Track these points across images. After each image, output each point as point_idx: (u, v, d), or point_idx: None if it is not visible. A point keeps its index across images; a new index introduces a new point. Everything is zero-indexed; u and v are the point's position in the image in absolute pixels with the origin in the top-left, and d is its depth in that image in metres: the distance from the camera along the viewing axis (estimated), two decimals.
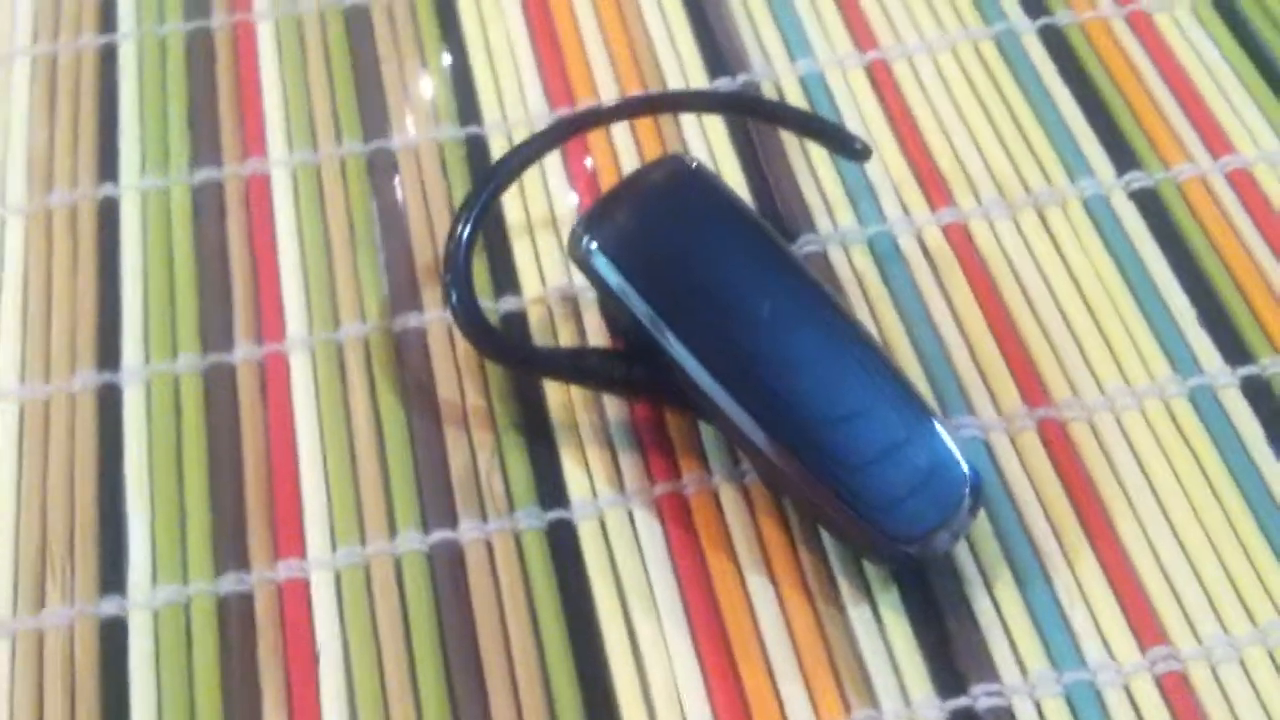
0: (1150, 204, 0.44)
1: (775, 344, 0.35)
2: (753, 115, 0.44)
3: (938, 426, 0.35)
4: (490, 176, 0.39)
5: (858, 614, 0.36)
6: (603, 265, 0.37)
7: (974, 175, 0.45)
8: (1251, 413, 0.39)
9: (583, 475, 0.38)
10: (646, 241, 0.37)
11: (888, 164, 0.45)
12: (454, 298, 0.38)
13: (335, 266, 0.43)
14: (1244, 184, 0.44)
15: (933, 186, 0.45)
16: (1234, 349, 0.40)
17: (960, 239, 0.43)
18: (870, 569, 0.36)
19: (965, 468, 0.35)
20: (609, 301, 0.37)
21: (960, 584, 0.36)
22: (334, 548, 0.37)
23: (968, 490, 0.35)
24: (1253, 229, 0.43)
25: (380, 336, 0.42)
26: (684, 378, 0.36)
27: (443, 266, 0.38)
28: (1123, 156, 0.45)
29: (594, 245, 0.37)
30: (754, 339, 0.36)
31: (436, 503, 0.38)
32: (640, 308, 0.36)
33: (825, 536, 0.37)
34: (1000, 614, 0.36)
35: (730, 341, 0.35)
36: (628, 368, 0.37)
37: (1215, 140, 0.45)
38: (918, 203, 0.44)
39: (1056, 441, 0.39)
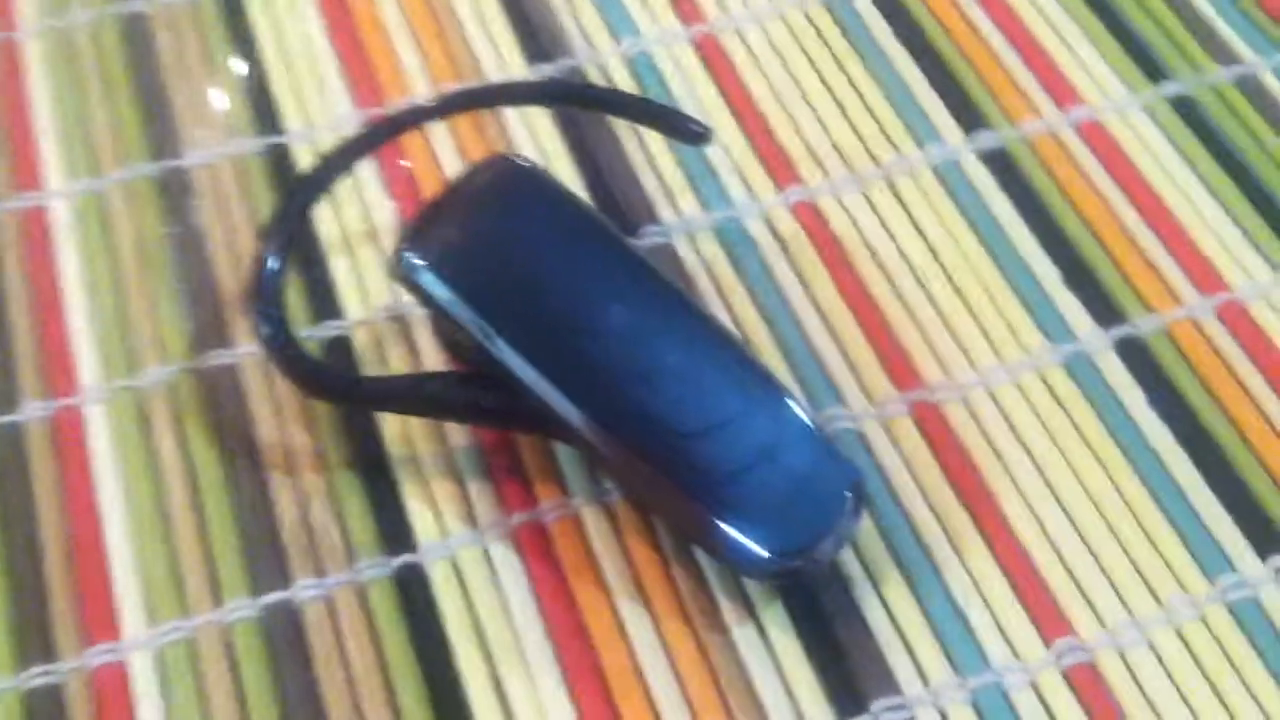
0: (1001, 164, 0.42)
1: (627, 351, 0.33)
2: (580, 104, 0.41)
3: (809, 423, 0.33)
4: (297, 191, 0.36)
5: (743, 635, 0.33)
6: (431, 282, 0.33)
7: (818, 150, 0.42)
8: (1129, 375, 0.38)
9: (430, 513, 0.35)
10: (477, 252, 0.33)
11: (728, 145, 0.43)
12: (266, 330, 0.34)
13: (130, 305, 0.39)
14: (1095, 135, 0.43)
15: (777, 165, 0.42)
16: (1104, 310, 0.39)
17: (810, 218, 0.41)
18: (751, 584, 0.34)
19: (844, 465, 0.32)
20: (442, 320, 0.34)
21: (848, 590, 0.34)
22: (153, 624, 0.33)
23: (849, 490, 0.32)
24: (1108, 180, 0.42)
25: (188, 379, 0.37)
26: (532, 396, 0.33)
27: (251, 295, 0.34)
28: (969, 117, 0.43)
29: (419, 261, 0.33)
30: (604, 348, 0.33)
31: (266, 561, 0.34)
32: (477, 324, 0.33)
33: (701, 553, 0.34)
34: (894, 619, 0.33)
35: (579, 352, 0.32)
36: (470, 391, 0.34)
37: (1061, 92, 0.44)
38: (763, 183, 0.42)
39: (932, 425, 0.37)
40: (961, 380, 0.37)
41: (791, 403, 0.33)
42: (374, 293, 0.39)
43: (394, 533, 0.35)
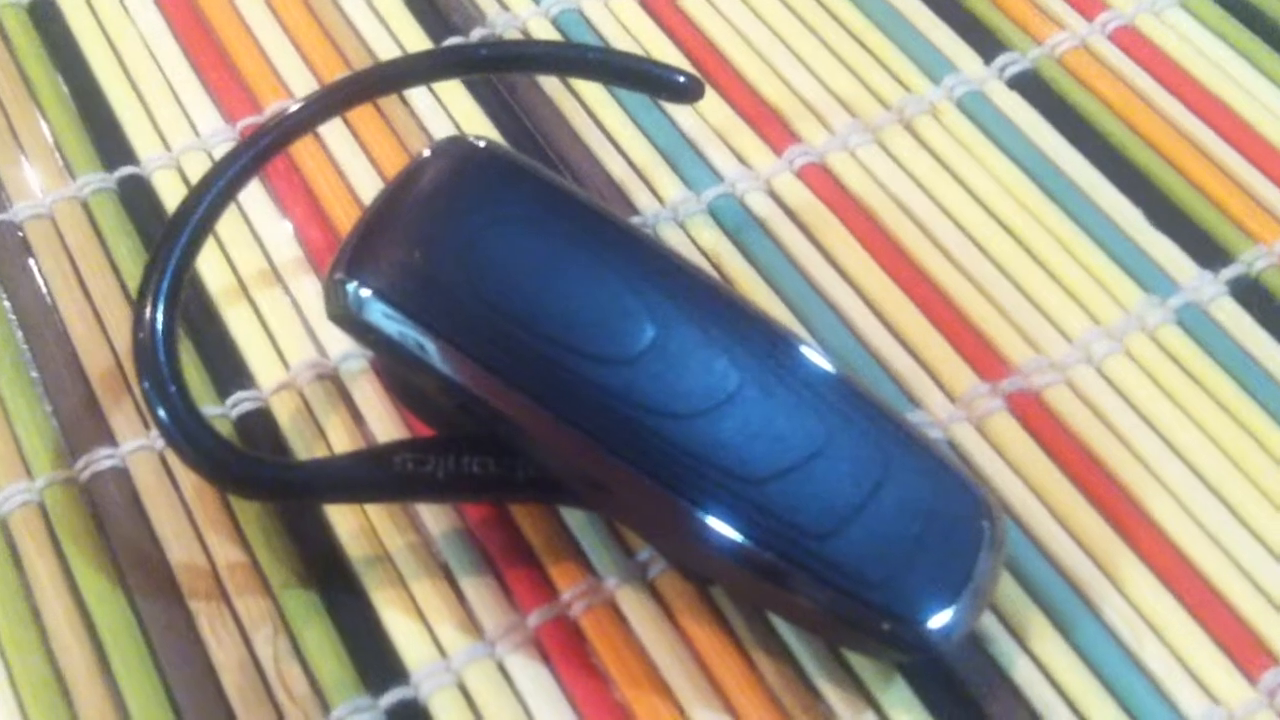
0: (1035, 88, 0.35)
1: (666, 375, 0.25)
2: (512, 68, 0.33)
3: (923, 440, 0.25)
4: (173, 231, 0.27)
5: None
6: (385, 316, 0.25)
7: (814, 102, 0.35)
8: (1252, 320, 0.31)
9: (418, 629, 0.27)
10: (443, 267, 0.25)
11: (701, 109, 0.35)
12: (163, 413, 0.25)
13: None
14: (1132, 43, 0.36)
15: (768, 126, 0.35)
16: (1205, 250, 0.32)
17: (822, 182, 0.34)
18: (860, 662, 0.26)
19: (970, 489, 0.25)
20: (399, 367, 0.26)
21: (985, 651, 0.26)
22: None
23: (985, 519, 0.25)
24: (1165, 94, 0.35)
25: (62, 494, 0.29)
26: (540, 453, 0.25)
27: (137, 370, 0.26)
28: (984, 42, 0.37)
29: (365, 291, 0.25)
30: (633, 374, 0.25)
31: None
32: (456, 364, 0.25)
33: (782, 626, 0.27)
34: (1051, 679, 0.26)
35: (600, 384, 0.25)
36: (450, 460, 0.26)
37: (1085, 1, 0.37)
38: (756, 149, 0.34)
39: (1036, 418, 0.30)
40: (1058, 357, 0.30)
41: (893, 416, 0.26)
42: (290, 348, 0.31)
43: (375, 663, 0.27)
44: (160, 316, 0.26)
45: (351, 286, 0.25)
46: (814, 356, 0.26)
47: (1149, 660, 0.26)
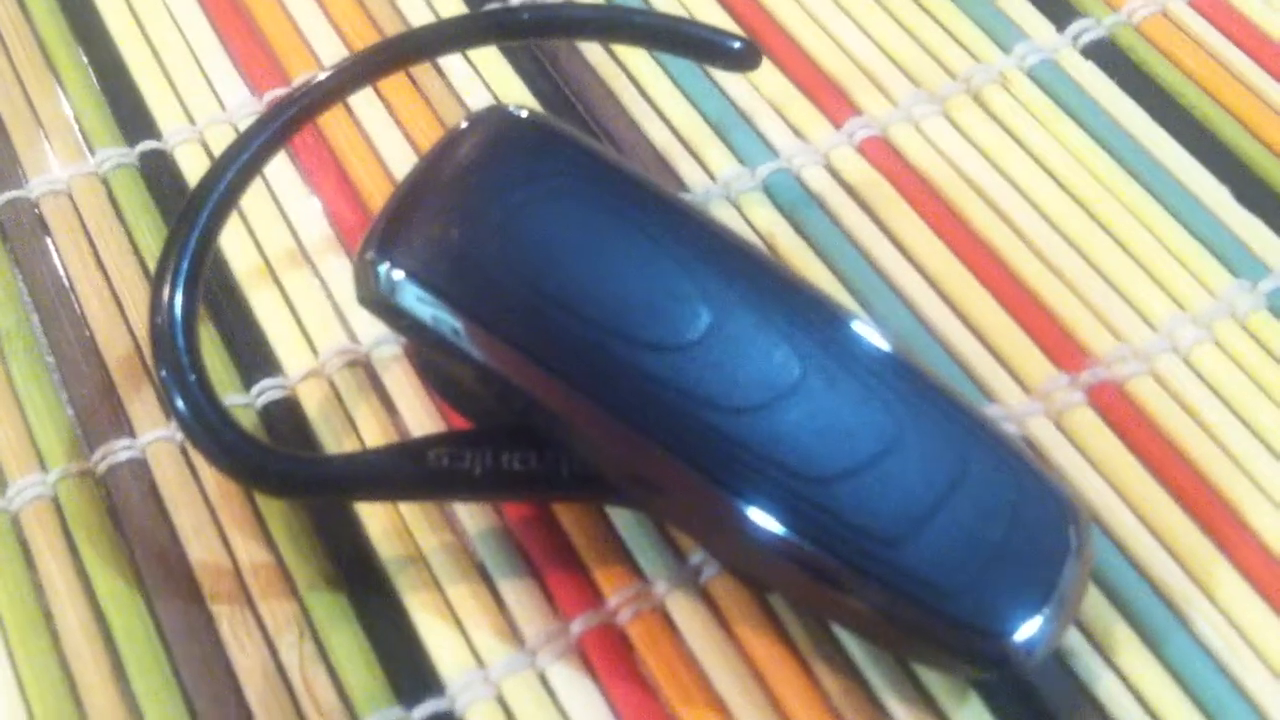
0: (1111, 57, 0.33)
1: (724, 365, 0.23)
2: (555, 34, 0.31)
3: (1003, 437, 0.24)
4: (193, 208, 0.25)
5: None
6: (420, 300, 0.23)
7: (874, 71, 0.33)
8: None
9: (454, 637, 0.25)
10: (482, 247, 0.23)
11: (751, 78, 0.33)
12: (181, 404, 0.24)
13: None
14: (1215, 10, 0.34)
15: (826, 97, 0.33)
16: None
17: (885, 156, 0.32)
18: (931, 677, 0.24)
19: (1054, 489, 0.23)
20: (437, 354, 0.24)
21: (1066, 665, 0.25)
22: None
23: (1073, 529, 0.23)
24: (1252, 65, 0.33)
25: (77, 487, 0.27)
26: (586, 446, 0.23)
27: (154, 357, 0.24)
28: (1056, 8, 0.34)
29: (397, 273, 0.23)
30: (688, 363, 0.23)
31: None
32: (495, 351, 0.23)
33: (845, 637, 0.25)
34: (1139, 696, 0.24)
35: (652, 374, 0.23)
36: (489, 455, 0.24)
37: None
38: (813, 121, 0.32)
39: (1119, 411, 0.28)
40: (1142, 345, 0.28)
41: (970, 410, 0.24)
42: (318, 333, 0.29)
43: (408, 671, 0.25)
44: (179, 300, 0.24)
45: (383, 268, 0.23)
46: (884, 344, 0.24)
47: (1245, 676, 0.24)
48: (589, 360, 0.23)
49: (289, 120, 0.26)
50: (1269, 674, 0.24)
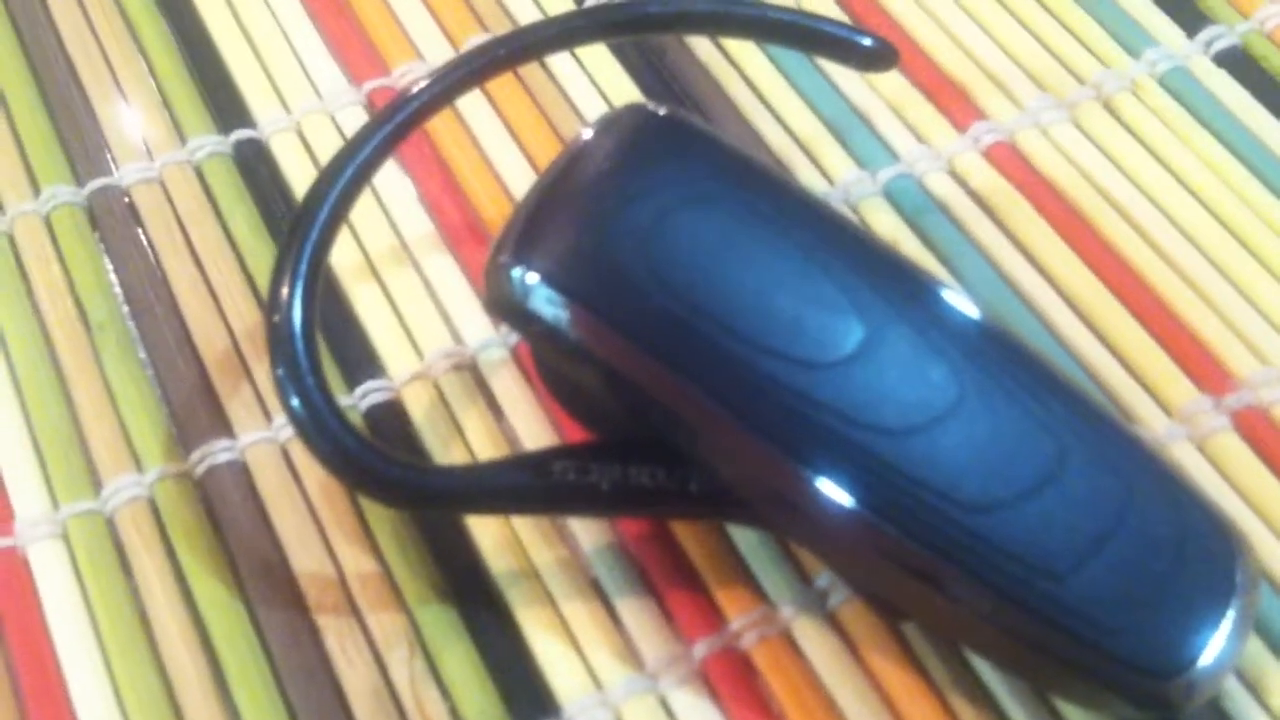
0: (1244, 65, 0.32)
1: (879, 383, 0.22)
2: (680, 29, 0.30)
3: (1162, 463, 0.23)
4: (314, 201, 0.25)
5: None
6: (553, 304, 0.22)
7: (1001, 76, 0.32)
8: None
9: (570, 656, 0.24)
10: (620, 253, 0.23)
11: (870, 79, 0.32)
12: (297, 403, 0.23)
13: (72, 391, 0.28)
14: None
15: (949, 100, 0.32)
16: None
17: (1012, 162, 0.31)
18: (1071, 710, 0.23)
19: (1220, 524, 0.22)
20: (566, 362, 0.23)
21: (1217, 705, 0.24)
22: None
23: (1240, 562, 0.22)
24: None
25: (174, 489, 0.27)
26: (720, 463, 0.23)
27: (271, 354, 0.24)
28: (1186, 14, 0.33)
29: (532, 276, 0.23)
30: (835, 380, 0.22)
31: None
32: (630, 360, 0.22)
33: (981, 666, 0.24)
34: None
35: (796, 391, 0.22)
36: (617, 469, 0.23)
37: None
38: (936, 125, 0.32)
39: (1266, 437, 0.27)
40: None
41: (1131, 434, 0.23)
42: (423, 334, 0.29)
43: (521, 691, 0.24)
44: (299, 297, 0.24)
45: (517, 271, 0.23)
46: (1043, 363, 0.23)
47: None
48: (729, 373, 0.22)
49: (407, 120, 0.26)
50: None
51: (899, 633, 0.25)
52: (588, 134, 0.24)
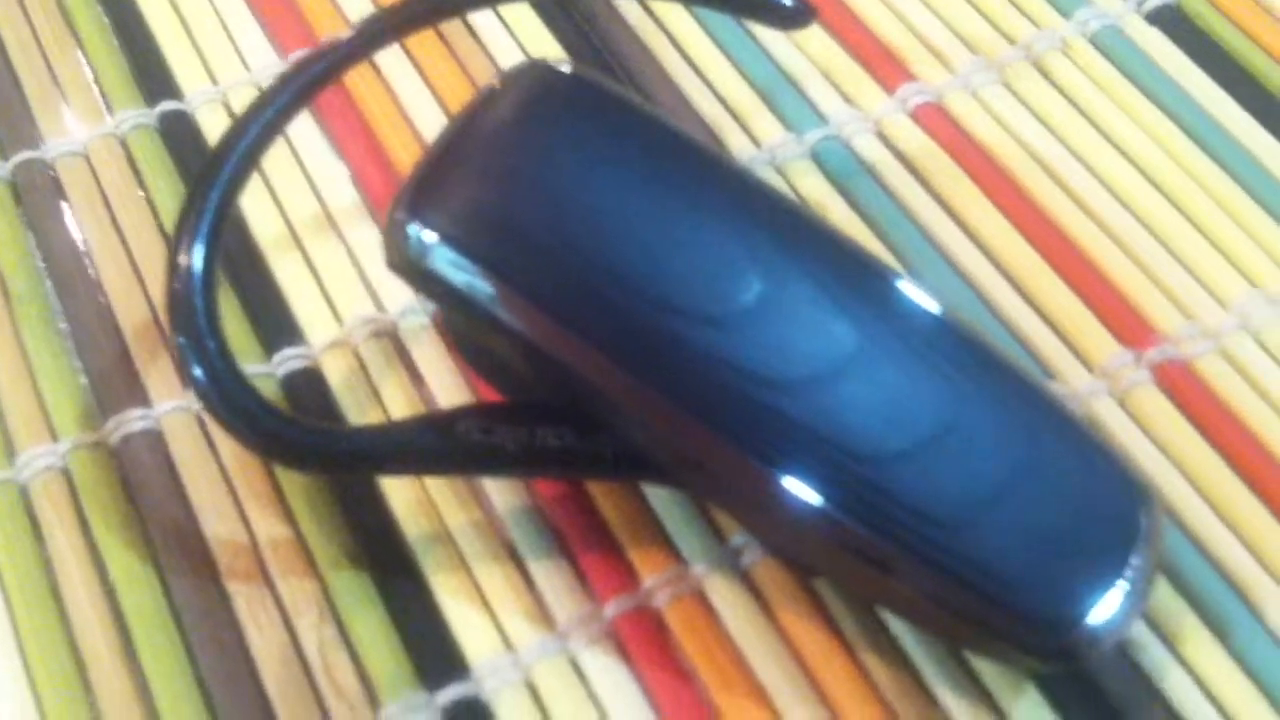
0: (1178, 24, 0.32)
1: (778, 336, 0.22)
2: None
3: (1071, 417, 0.23)
4: (212, 169, 0.25)
5: None
6: (457, 267, 0.22)
7: (930, 37, 0.32)
8: None
9: (482, 619, 0.24)
10: (521, 209, 0.23)
11: (802, 42, 0.32)
12: (199, 372, 0.23)
13: None
14: None
15: (879, 62, 0.32)
16: None
17: (939, 124, 0.31)
18: (985, 668, 0.23)
19: (1125, 474, 0.22)
20: (469, 323, 0.23)
21: (1131, 658, 0.24)
22: None
23: (1144, 514, 0.22)
24: None
25: (89, 458, 0.27)
26: (626, 422, 0.23)
27: (170, 323, 0.23)
28: None
29: (429, 235, 0.22)
30: (737, 335, 0.22)
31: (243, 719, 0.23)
32: (530, 320, 0.22)
33: (896, 624, 0.24)
34: (1209, 692, 0.23)
35: (699, 347, 0.22)
36: (523, 430, 0.23)
37: None
38: (865, 88, 0.31)
39: (1188, 392, 0.27)
40: (1212, 324, 0.27)
41: (1036, 387, 0.23)
42: (344, 301, 0.29)
43: (432, 654, 0.24)
44: (198, 264, 0.24)
45: (414, 229, 0.23)
46: (946, 316, 0.23)
47: None
48: (631, 330, 0.22)
49: (314, 77, 0.26)
50: None
51: (812, 590, 0.24)
52: (488, 90, 0.24)
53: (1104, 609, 0.21)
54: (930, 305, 0.23)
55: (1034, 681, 0.23)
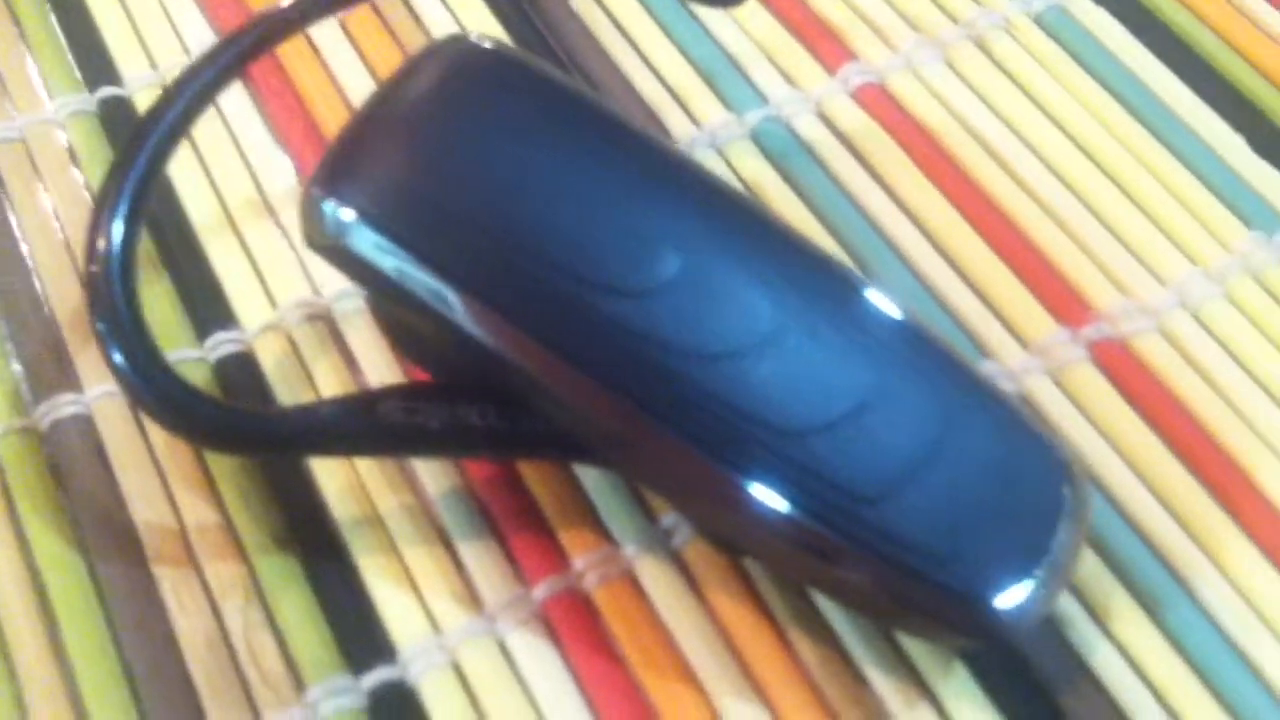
0: (1125, 4, 0.32)
1: (697, 310, 0.22)
2: None
3: (992, 392, 0.22)
4: (131, 152, 0.24)
5: None
6: (371, 244, 0.22)
7: (873, 16, 0.32)
8: None
9: (409, 600, 0.24)
10: (438, 185, 0.22)
11: (743, 23, 0.32)
12: (117, 355, 0.23)
13: None
14: None
15: (821, 42, 0.32)
16: None
17: (880, 104, 0.31)
18: (913, 646, 0.23)
19: (1049, 448, 0.22)
20: (389, 303, 0.23)
21: (1060, 635, 0.23)
22: None
23: (1069, 490, 0.22)
24: (1269, 10, 0.32)
25: (18, 443, 0.26)
26: (555, 403, 0.22)
27: (90, 307, 0.23)
28: None
29: (347, 213, 0.22)
30: (658, 310, 0.22)
31: (168, 707, 0.23)
32: (445, 296, 0.22)
33: (825, 605, 0.24)
34: (1138, 669, 0.23)
35: (618, 323, 0.22)
36: (445, 409, 0.23)
37: None
38: (807, 68, 0.31)
39: (1123, 369, 0.27)
40: (1150, 301, 0.27)
41: (961, 363, 0.23)
42: (278, 285, 0.29)
43: (358, 637, 0.24)
44: (116, 247, 0.23)
45: (329, 205, 0.22)
46: (869, 291, 0.23)
47: (1251, 646, 0.23)
48: (545, 305, 0.22)
49: (247, 44, 0.25)
50: (1278, 644, 0.23)
51: (742, 571, 0.24)
52: (407, 65, 0.24)
53: (1026, 584, 0.21)
54: (855, 282, 0.23)
55: (962, 660, 0.23)
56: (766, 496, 0.21)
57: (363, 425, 0.23)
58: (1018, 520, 0.21)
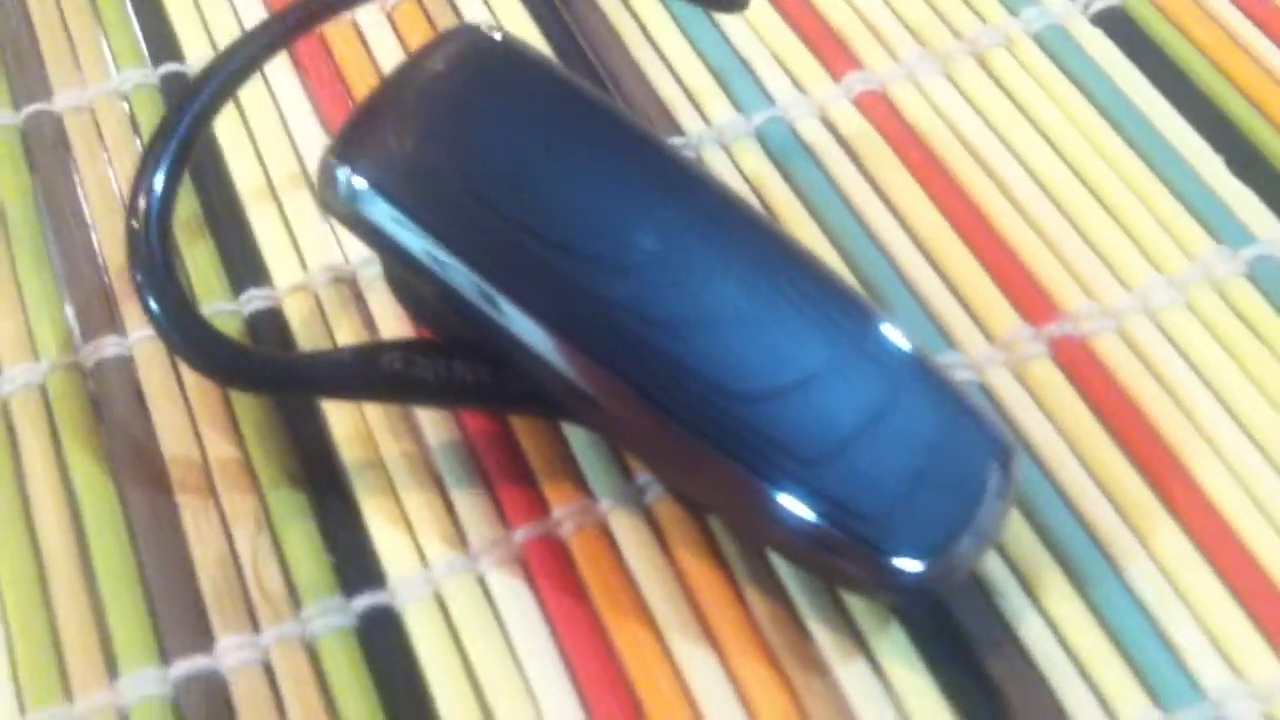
0: (1122, 26, 0.34)
1: (669, 287, 0.24)
2: None
3: (933, 371, 0.25)
4: (183, 102, 0.27)
5: (851, 675, 0.25)
6: (379, 210, 0.25)
7: (881, 28, 0.34)
8: None
9: (402, 536, 0.27)
10: (443, 160, 0.25)
11: (759, 28, 0.34)
12: (152, 302, 0.26)
13: None
14: None
15: (829, 50, 0.34)
16: None
17: (881, 112, 0.33)
18: (857, 605, 0.25)
19: (985, 428, 0.24)
20: (398, 266, 0.26)
21: (992, 603, 0.25)
22: (22, 713, 0.25)
23: (996, 462, 0.24)
24: (1263, 40, 0.33)
25: (65, 379, 0.29)
26: (535, 363, 0.25)
27: (130, 260, 0.26)
28: None
29: (360, 180, 0.25)
30: (636, 284, 0.24)
31: (179, 616, 0.26)
32: (449, 264, 0.24)
33: (780, 564, 0.26)
34: (1062, 640, 0.25)
35: (600, 294, 0.24)
36: (444, 362, 0.26)
37: None
38: (813, 74, 0.33)
39: (1081, 366, 0.28)
40: (1112, 304, 0.29)
41: (905, 344, 0.25)
42: (310, 250, 0.31)
43: (353, 565, 0.27)
44: (154, 199, 0.26)
45: (343, 172, 0.25)
46: (828, 277, 0.25)
47: (1171, 626, 0.25)
48: (540, 273, 0.24)
49: (291, 25, 0.28)
50: (1198, 629, 0.25)
51: (706, 528, 0.27)
52: (421, 49, 0.27)
53: (951, 546, 0.23)
54: (817, 266, 0.25)
55: (897, 618, 0.25)
56: (716, 454, 0.23)
57: (365, 372, 0.26)
58: (945, 489, 0.23)
